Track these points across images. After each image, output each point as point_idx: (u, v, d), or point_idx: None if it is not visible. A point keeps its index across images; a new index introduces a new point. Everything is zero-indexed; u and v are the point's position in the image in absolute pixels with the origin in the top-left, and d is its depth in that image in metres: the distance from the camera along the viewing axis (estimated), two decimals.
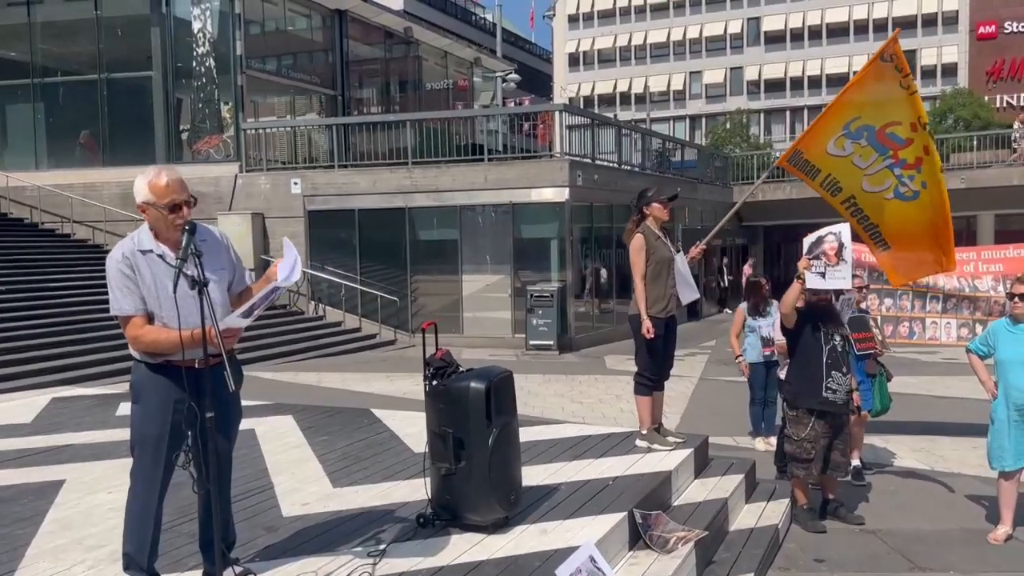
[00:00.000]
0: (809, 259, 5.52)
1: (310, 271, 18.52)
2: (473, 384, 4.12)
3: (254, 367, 14.34)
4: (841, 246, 5.47)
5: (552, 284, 17.10)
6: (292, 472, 5.43)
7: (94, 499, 4.87)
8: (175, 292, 3.14)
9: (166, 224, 3.26)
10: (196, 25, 19.67)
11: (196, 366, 3.21)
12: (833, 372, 5.62)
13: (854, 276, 7.16)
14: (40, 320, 13.52)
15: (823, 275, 5.49)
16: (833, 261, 5.47)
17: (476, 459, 4.09)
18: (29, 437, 6.64)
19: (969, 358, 5.72)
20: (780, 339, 6.46)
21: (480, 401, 4.09)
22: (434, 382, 4.26)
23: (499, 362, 15.16)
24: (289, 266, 3.23)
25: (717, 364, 14.34)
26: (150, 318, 3.26)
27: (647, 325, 5.57)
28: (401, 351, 16.62)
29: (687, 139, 49.69)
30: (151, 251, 3.28)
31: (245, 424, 6.72)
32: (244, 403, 8.13)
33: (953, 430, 8.80)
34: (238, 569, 3.55)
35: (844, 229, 5.57)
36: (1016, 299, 5.29)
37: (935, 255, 6.09)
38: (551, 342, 16.61)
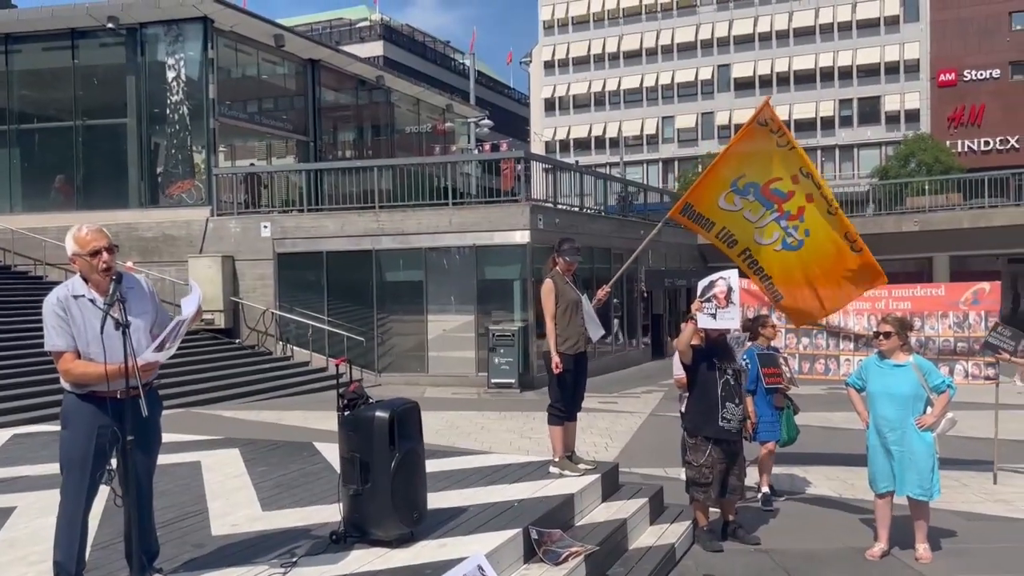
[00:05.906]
0: (701, 302, 6.11)
1: (278, 312, 18.99)
2: (378, 413, 4.64)
3: (219, 406, 14.74)
4: (730, 290, 6.06)
5: (514, 324, 17.64)
6: (227, 498, 5.88)
7: (43, 522, 5.25)
8: (102, 332, 3.65)
9: (91, 268, 3.77)
10: (171, 73, 20.33)
11: (118, 396, 3.71)
12: (727, 403, 6.17)
13: (764, 316, 7.82)
14: (9, 361, 13.88)
15: (714, 316, 6.07)
16: (723, 304, 6.06)
17: (380, 481, 4.59)
18: None
19: (848, 391, 6.29)
20: (677, 375, 6.99)
21: (384, 429, 4.60)
22: (346, 412, 4.77)
23: (461, 400, 15.72)
24: (193, 301, 3.76)
25: (671, 400, 14.83)
26: (78, 354, 3.76)
27: (555, 361, 6.11)
28: (367, 390, 16.99)
29: (661, 182, 50.84)
30: (82, 296, 3.80)
31: (193, 456, 7.30)
32: (197, 438, 8.56)
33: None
34: None
35: (733, 274, 6.17)
36: (880, 337, 5.86)
37: (816, 304, 6.70)
38: (512, 380, 17.10)
